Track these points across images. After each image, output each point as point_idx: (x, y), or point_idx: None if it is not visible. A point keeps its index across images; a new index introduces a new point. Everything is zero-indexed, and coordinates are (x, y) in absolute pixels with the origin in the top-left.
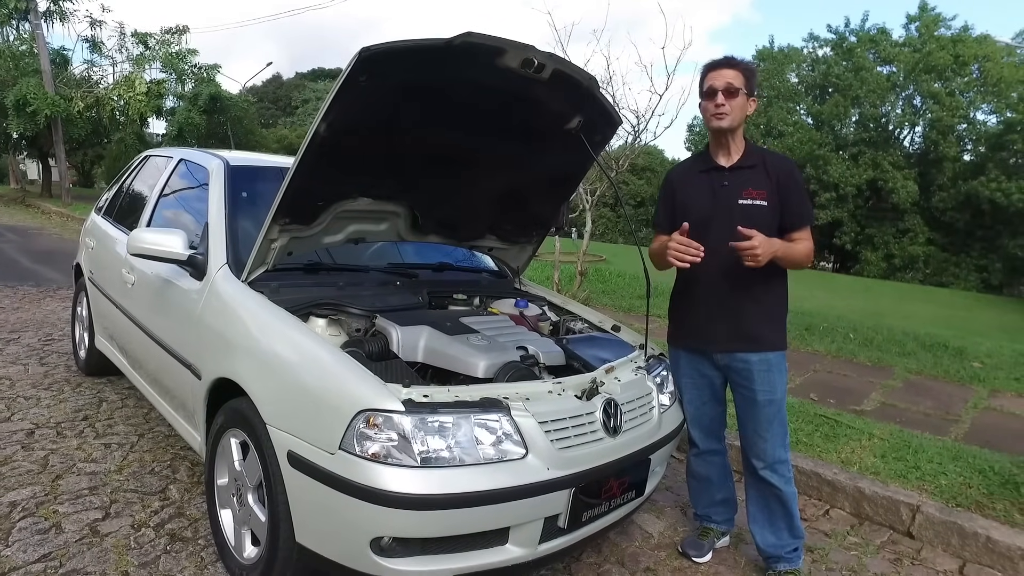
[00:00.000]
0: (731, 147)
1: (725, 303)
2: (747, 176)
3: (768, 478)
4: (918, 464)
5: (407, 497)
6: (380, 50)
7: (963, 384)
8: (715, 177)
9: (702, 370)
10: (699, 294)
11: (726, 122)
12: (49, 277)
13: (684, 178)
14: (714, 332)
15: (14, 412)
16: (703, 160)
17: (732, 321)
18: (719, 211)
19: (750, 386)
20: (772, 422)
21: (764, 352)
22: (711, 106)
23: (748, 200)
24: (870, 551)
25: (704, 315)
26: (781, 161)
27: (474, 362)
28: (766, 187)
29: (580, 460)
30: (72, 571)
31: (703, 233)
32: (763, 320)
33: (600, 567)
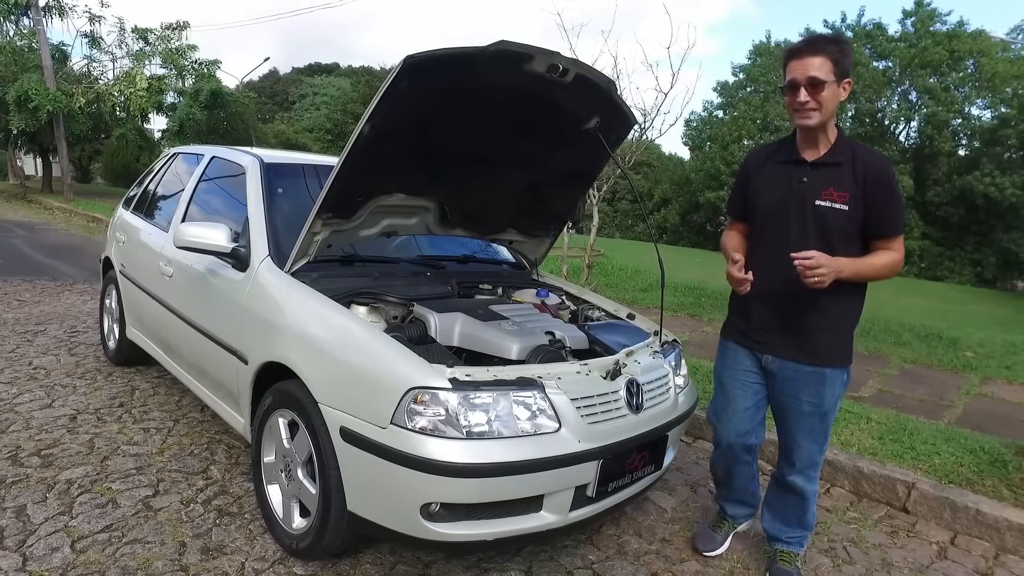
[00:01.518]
0: (819, 141)
1: (783, 309)
2: (831, 174)
3: (795, 481)
4: (913, 445)
5: (455, 466)
6: (423, 57)
7: (956, 372)
8: (794, 171)
9: (748, 367)
10: (758, 292)
11: (813, 120)
12: (64, 271)
13: (761, 166)
14: (767, 335)
15: (54, 399)
16: (786, 149)
17: (788, 329)
18: (792, 210)
19: (795, 395)
20: (813, 431)
21: (818, 367)
22: (794, 102)
23: (827, 202)
24: (868, 525)
25: (759, 316)
26: (873, 160)
27: (508, 345)
28: (851, 189)
29: (607, 434)
30: (134, 540)
31: (771, 229)
32: (823, 333)
33: (619, 538)
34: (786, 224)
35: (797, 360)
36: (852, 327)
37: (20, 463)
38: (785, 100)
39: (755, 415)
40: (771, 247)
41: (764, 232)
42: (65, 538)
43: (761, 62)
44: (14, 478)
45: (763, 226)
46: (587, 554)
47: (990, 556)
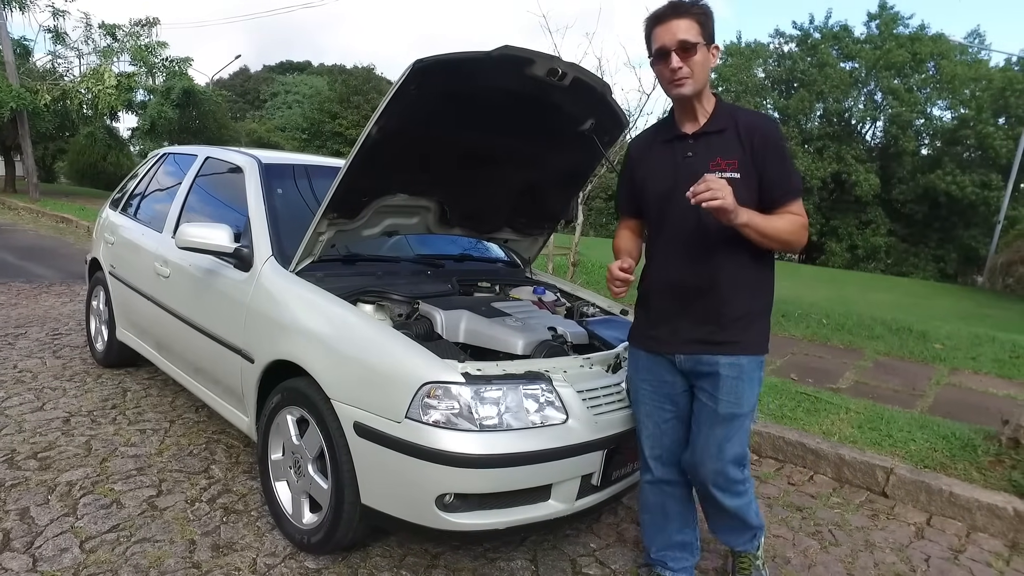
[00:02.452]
0: (697, 111)
1: (690, 296)
2: (715, 143)
3: (718, 497)
4: (890, 433)
5: (469, 457)
6: (431, 62)
7: (926, 363)
8: (678, 148)
9: (663, 376)
10: (662, 285)
11: (688, 88)
12: (39, 273)
13: (645, 150)
14: (677, 330)
15: (45, 402)
16: (667, 128)
17: (698, 317)
18: (683, 189)
19: (714, 393)
20: (731, 440)
21: (736, 356)
22: (666, 71)
23: (717, 173)
24: (851, 509)
25: (666, 313)
26: (757, 120)
27: (513, 341)
28: (737, 154)
29: (611, 425)
30: (143, 539)
31: (664, 215)
32: (737, 317)
33: (618, 526)
34: (680, 206)
35: (711, 352)
36: (765, 312)
37: (17, 466)
38: (655, 70)
39: (678, 424)
40: (669, 235)
41: (660, 221)
42: (73, 539)
43: (732, 62)
44: (13, 481)
45: (658, 215)
46: (588, 542)
47: (963, 535)
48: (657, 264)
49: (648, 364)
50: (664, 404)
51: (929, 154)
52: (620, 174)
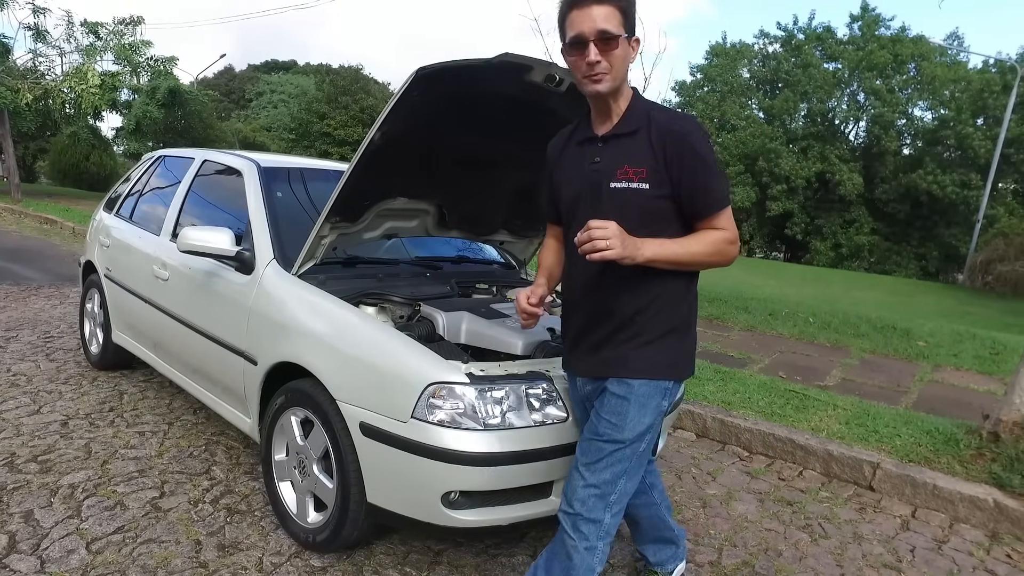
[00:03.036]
0: (612, 110)
1: (589, 319)
2: (624, 148)
3: (563, 524)
4: (876, 429)
5: (474, 455)
6: (434, 69)
7: (910, 361)
8: (588, 152)
9: (578, 392)
10: (569, 305)
11: (605, 85)
12: (26, 276)
13: (560, 151)
14: (580, 352)
15: (41, 405)
16: (581, 128)
17: (597, 342)
18: (587, 200)
19: (599, 410)
20: (600, 461)
21: (626, 379)
22: (581, 64)
23: (623, 183)
24: (839, 503)
25: (572, 332)
26: (673, 123)
27: (513, 342)
28: (647, 162)
29: None
30: (149, 540)
31: (570, 226)
32: (632, 338)
33: None
34: (583, 220)
35: (606, 376)
36: (677, 333)
37: (18, 469)
38: (568, 62)
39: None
40: (573, 248)
41: (568, 231)
42: (79, 540)
43: (717, 63)
44: (15, 484)
45: (567, 224)
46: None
47: (946, 526)
48: (565, 278)
49: (571, 381)
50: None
51: (911, 154)
52: (544, 177)
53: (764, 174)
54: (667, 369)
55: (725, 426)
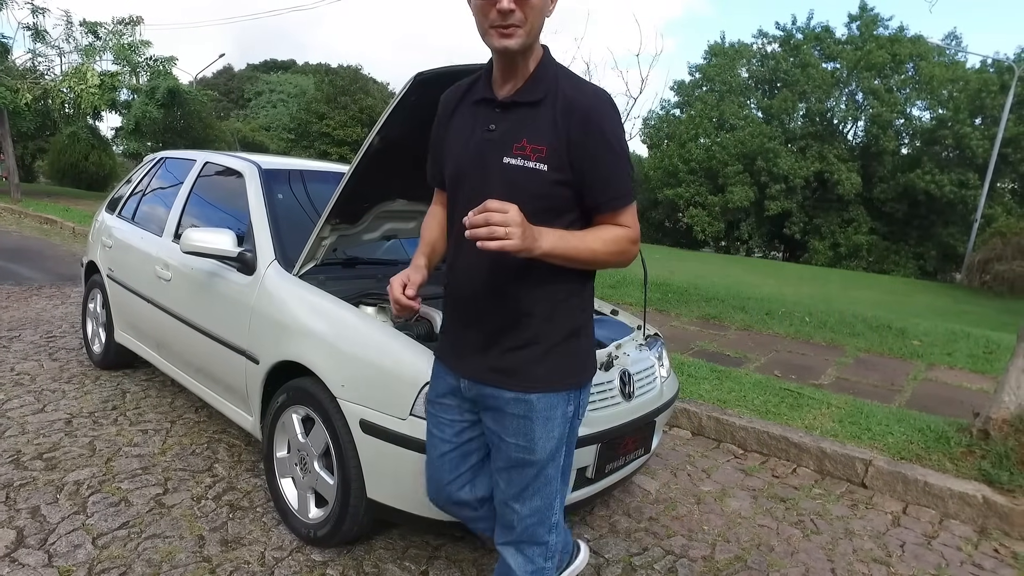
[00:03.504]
0: (518, 70)
1: (475, 313)
2: (526, 119)
3: (505, 553)
4: (869, 427)
5: None
6: (432, 74)
7: (905, 359)
8: (484, 115)
9: (448, 392)
10: (451, 288)
11: (516, 41)
12: (27, 276)
13: (452, 109)
14: (462, 349)
15: (45, 404)
16: (481, 84)
17: (484, 341)
18: (476, 173)
19: (500, 434)
20: (527, 489)
21: (521, 393)
22: (491, 12)
23: (519, 160)
24: (832, 499)
25: (453, 323)
26: (581, 96)
27: None
28: (549, 139)
29: (604, 420)
30: (153, 535)
31: (456, 199)
32: (527, 345)
33: (610, 518)
34: (469, 195)
35: (495, 384)
36: (574, 336)
37: (24, 467)
38: (475, 8)
39: (460, 461)
40: (460, 228)
41: (453, 205)
42: (85, 535)
43: (716, 62)
44: (21, 481)
45: (451, 196)
46: (583, 532)
47: (936, 522)
48: (453, 262)
49: (437, 378)
50: (443, 429)
51: (909, 154)
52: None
53: (762, 173)
54: (568, 378)
55: (720, 424)
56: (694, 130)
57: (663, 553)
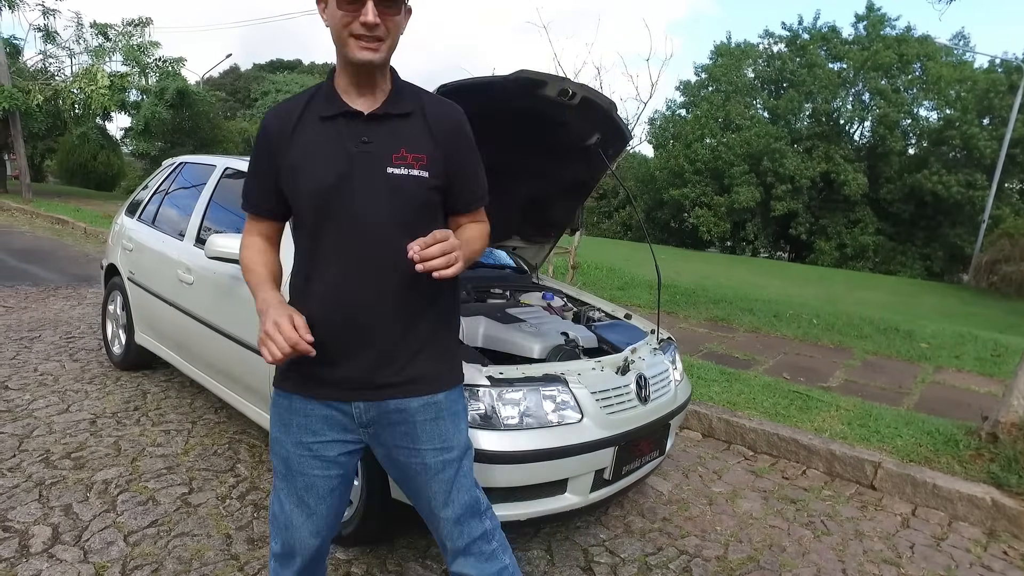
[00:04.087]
0: (377, 85)
1: (373, 326)
2: (400, 130)
3: (464, 571)
4: (878, 429)
5: (494, 454)
6: (455, 86)
7: (912, 362)
8: (348, 130)
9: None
10: (334, 312)
11: (380, 55)
12: (43, 276)
13: (291, 128)
14: (354, 370)
15: (69, 404)
16: (327, 101)
17: (378, 356)
18: (358, 184)
19: (412, 445)
20: (452, 486)
21: (430, 397)
22: (354, 24)
23: (402, 168)
24: (841, 501)
25: (340, 344)
26: (448, 109)
27: (530, 346)
28: (427, 148)
29: (621, 423)
30: (182, 533)
31: (331, 217)
32: (427, 348)
33: (625, 518)
34: (353, 207)
35: (402, 396)
36: (456, 335)
37: (53, 465)
38: (335, 19)
39: (341, 502)
40: (341, 246)
41: (322, 225)
42: (117, 533)
43: (722, 62)
44: (52, 479)
45: (317, 216)
46: (598, 533)
47: (945, 524)
48: (322, 283)
49: (307, 416)
50: (328, 469)
51: (916, 154)
52: (253, 158)
53: (768, 174)
54: (460, 371)
55: (730, 426)
56: (700, 130)
57: (677, 553)
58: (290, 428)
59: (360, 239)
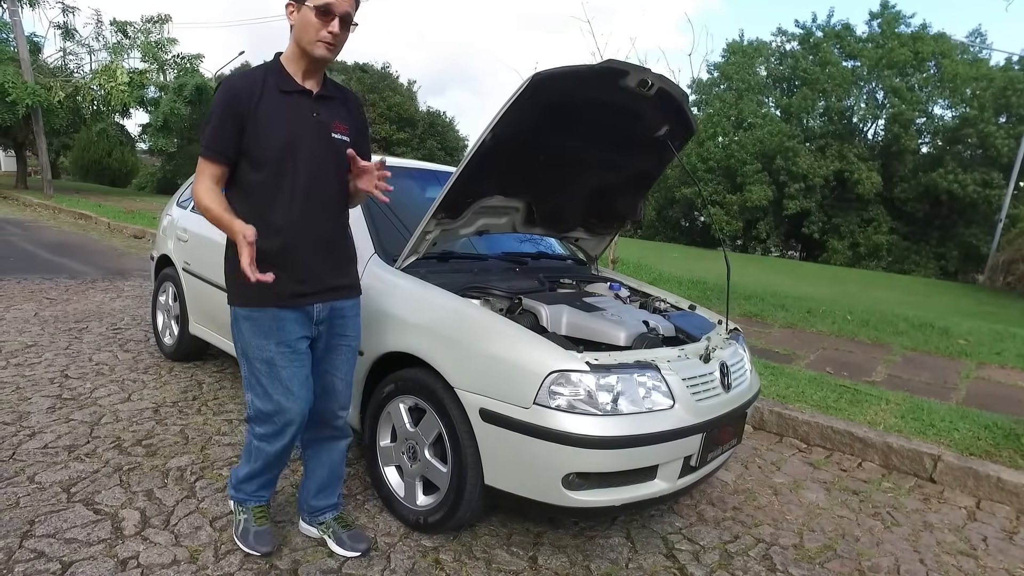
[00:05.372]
0: (319, 73)
1: (332, 247)
2: (333, 107)
3: (343, 427)
4: (933, 423)
5: (594, 439)
6: (548, 74)
7: (953, 358)
8: (303, 103)
9: (299, 328)
10: (308, 239)
11: (333, 54)
12: (79, 270)
13: (256, 94)
14: (321, 281)
15: (131, 393)
16: (282, 79)
17: (338, 267)
18: (318, 144)
19: (343, 334)
20: (352, 367)
21: (357, 298)
22: (323, 31)
23: (339, 135)
24: (903, 493)
25: (313, 263)
26: (356, 98)
27: (616, 333)
28: (349, 123)
29: (709, 410)
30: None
31: (295, 167)
32: (354, 262)
33: (696, 507)
34: (312, 160)
35: (343, 298)
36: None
37: (127, 452)
38: (308, 21)
39: (309, 381)
40: (305, 190)
41: (283, 173)
42: (202, 519)
43: (734, 60)
44: (128, 466)
45: (280, 165)
46: (673, 521)
47: (1013, 517)
48: (293, 217)
49: (284, 323)
50: (302, 360)
51: (930, 152)
52: (220, 114)
53: (781, 172)
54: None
55: (782, 419)
56: (712, 128)
57: (754, 541)
58: (271, 334)
59: (316, 180)
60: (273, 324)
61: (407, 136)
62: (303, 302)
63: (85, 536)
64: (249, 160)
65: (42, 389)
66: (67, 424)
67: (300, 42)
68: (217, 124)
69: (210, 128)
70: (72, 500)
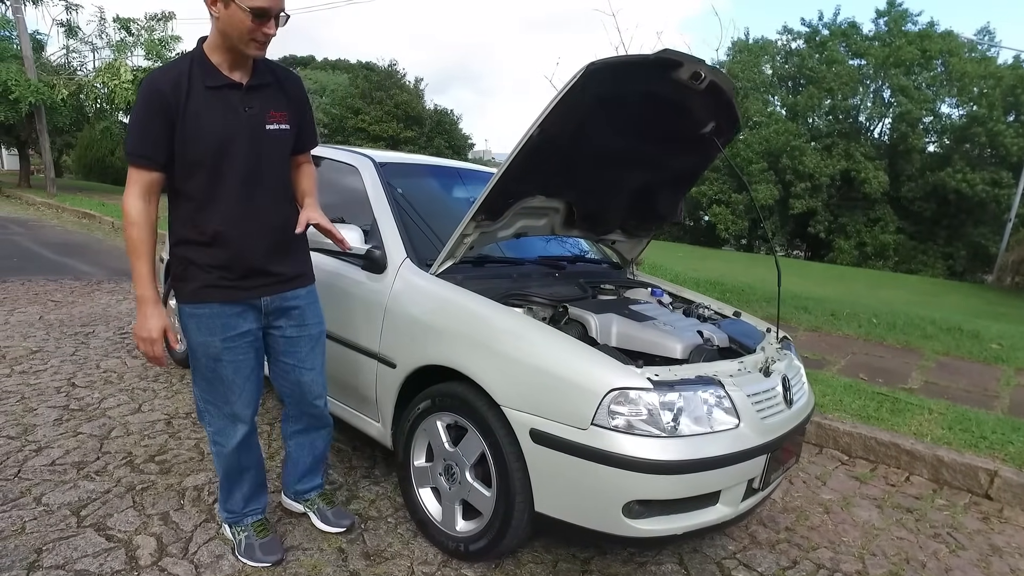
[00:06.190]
0: (247, 64)
1: (277, 238)
2: (268, 96)
3: (324, 414)
4: (984, 435)
5: (659, 463)
6: (602, 64)
7: (988, 363)
8: (234, 97)
9: (245, 323)
10: (252, 231)
11: (264, 51)
12: (83, 270)
13: (182, 93)
14: (265, 275)
15: (141, 404)
16: (207, 74)
17: (283, 257)
18: (250, 140)
19: (303, 323)
20: (322, 352)
21: (312, 285)
22: (258, 32)
23: (275, 125)
24: (959, 511)
25: (252, 259)
26: (291, 74)
27: (672, 345)
28: (286, 108)
29: (774, 428)
30: (292, 547)
31: (232, 163)
32: (305, 251)
33: (748, 528)
34: (247, 157)
35: (295, 287)
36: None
37: (140, 470)
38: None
39: (258, 378)
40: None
41: (222, 169)
42: (223, 546)
43: (740, 59)
44: (142, 484)
45: (217, 162)
46: (726, 544)
47: None
48: (233, 217)
49: (228, 319)
50: (249, 354)
51: (938, 151)
52: (143, 117)
53: (787, 172)
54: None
55: (822, 429)
56: None
57: (814, 567)
58: (215, 330)
59: (253, 177)
60: (217, 320)
61: (414, 134)
62: (248, 296)
63: (97, 567)
64: (180, 162)
65: (48, 399)
66: (75, 438)
67: (228, 37)
68: (143, 127)
69: (136, 131)
70: (82, 525)
